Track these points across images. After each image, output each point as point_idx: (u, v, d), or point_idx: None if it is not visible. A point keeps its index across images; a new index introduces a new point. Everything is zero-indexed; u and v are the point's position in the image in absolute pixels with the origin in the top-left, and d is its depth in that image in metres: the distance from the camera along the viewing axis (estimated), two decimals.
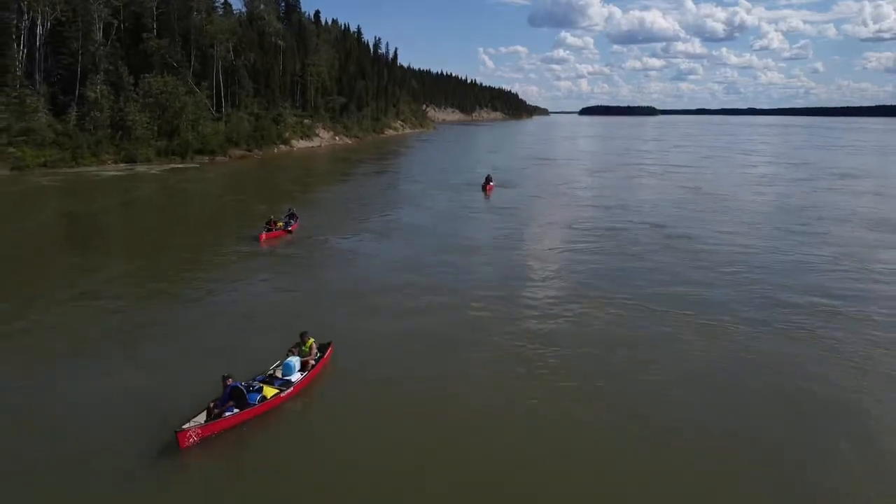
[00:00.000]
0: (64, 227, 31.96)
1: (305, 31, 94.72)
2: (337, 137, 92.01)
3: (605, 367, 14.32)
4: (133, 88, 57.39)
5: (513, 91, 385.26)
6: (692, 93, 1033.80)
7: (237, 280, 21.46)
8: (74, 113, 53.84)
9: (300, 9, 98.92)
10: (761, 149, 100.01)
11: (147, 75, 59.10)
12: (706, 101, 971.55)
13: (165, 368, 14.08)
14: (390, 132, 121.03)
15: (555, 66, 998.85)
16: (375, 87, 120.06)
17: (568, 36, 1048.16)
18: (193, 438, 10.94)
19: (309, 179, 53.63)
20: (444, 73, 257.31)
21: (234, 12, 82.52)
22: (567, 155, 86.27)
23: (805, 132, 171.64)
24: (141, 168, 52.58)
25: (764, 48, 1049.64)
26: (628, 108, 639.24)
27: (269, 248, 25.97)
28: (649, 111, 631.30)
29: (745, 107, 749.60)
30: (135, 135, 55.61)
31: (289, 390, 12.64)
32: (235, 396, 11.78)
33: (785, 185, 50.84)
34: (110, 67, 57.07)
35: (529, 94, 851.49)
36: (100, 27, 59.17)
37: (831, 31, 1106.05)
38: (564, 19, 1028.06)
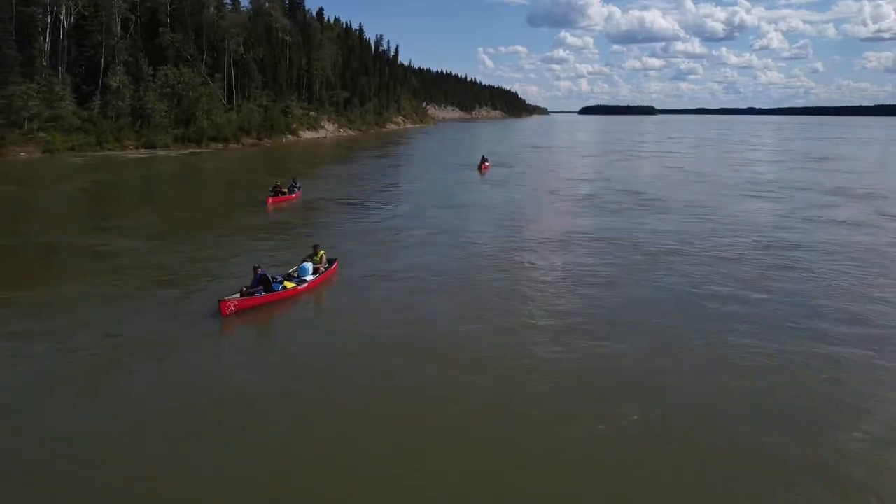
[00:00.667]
0: (101, 191, 35.64)
1: (310, 27, 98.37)
2: (341, 129, 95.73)
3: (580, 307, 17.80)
4: (151, 79, 60.99)
5: (513, 90, 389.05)
6: (692, 92, 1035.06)
7: (253, 223, 25.35)
8: (98, 101, 57.42)
9: (304, 6, 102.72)
10: (750, 140, 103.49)
11: (163, 67, 62.78)
12: (706, 100, 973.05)
13: (203, 268, 18.01)
14: (392, 126, 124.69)
15: (554, 66, 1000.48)
16: (377, 84, 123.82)
17: (567, 36, 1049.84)
18: (232, 308, 13.99)
19: (316, 161, 57.13)
20: (444, 72, 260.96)
21: (242, 9, 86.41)
22: (562, 144, 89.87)
23: (797, 128, 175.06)
24: (160, 152, 56.19)
25: (764, 48, 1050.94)
26: (628, 107, 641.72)
27: (275, 210, 29.13)
28: (649, 110, 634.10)
29: (744, 106, 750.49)
30: (154, 122, 59.25)
31: (304, 285, 15.90)
32: (263, 282, 14.99)
33: (762, 165, 54.40)
34: (130, 59, 60.70)
35: (529, 93, 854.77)
36: (118, 22, 62.77)
37: (831, 30, 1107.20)
38: (564, 19, 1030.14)
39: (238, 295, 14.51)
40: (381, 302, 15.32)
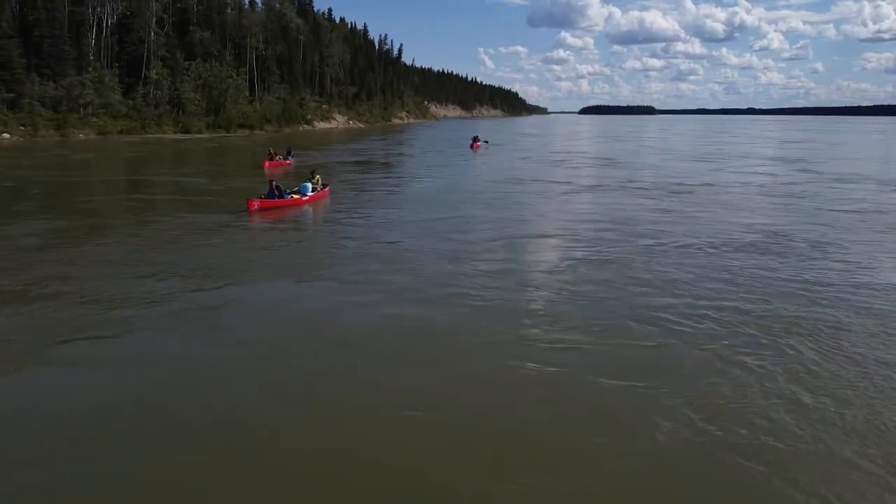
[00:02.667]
0: (155, 157, 43.08)
1: (320, 26, 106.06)
2: (351, 121, 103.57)
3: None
4: (186, 72, 68.68)
5: (513, 90, 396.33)
6: (692, 93, 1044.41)
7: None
8: (140, 91, 65.16)
9: (313, 7, 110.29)
10: (731, 130, 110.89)
11: (191, 62, 70.51)
12: (706, 101, 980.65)
13: (237, 191, 24.62)
14: (397, 121, 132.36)
15: (555, 67, 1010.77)
16: (382, 81, 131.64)
17: (567, 36, 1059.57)
18: (256, 206, 18.98)
19: (328, 142, 64.66)
20: (446, 72, 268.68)
21: (259, 9, 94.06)
22: (555, 133, 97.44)
23: (784, 125, 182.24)
24: (196, 136, 63.86)
25: (764, 48, 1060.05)
26: (628, 107, 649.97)
27: (271, 171, 31.60)
28: (649, 110, 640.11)
29: (745, 107, 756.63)
30: (188, 110, 66.97)
31: (305, 198, 20.94)
32: (278, 190, 20.22)
33: (728, 144, 61.95)
34: (167, 54, 68.48)
35: (530, 93, 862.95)
36: (152, 21, 70.37)
37: (831, 31, 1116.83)
38: (564, 19, 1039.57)
39: (261, 197, 19.84)
40: (362, 214, 20.45)
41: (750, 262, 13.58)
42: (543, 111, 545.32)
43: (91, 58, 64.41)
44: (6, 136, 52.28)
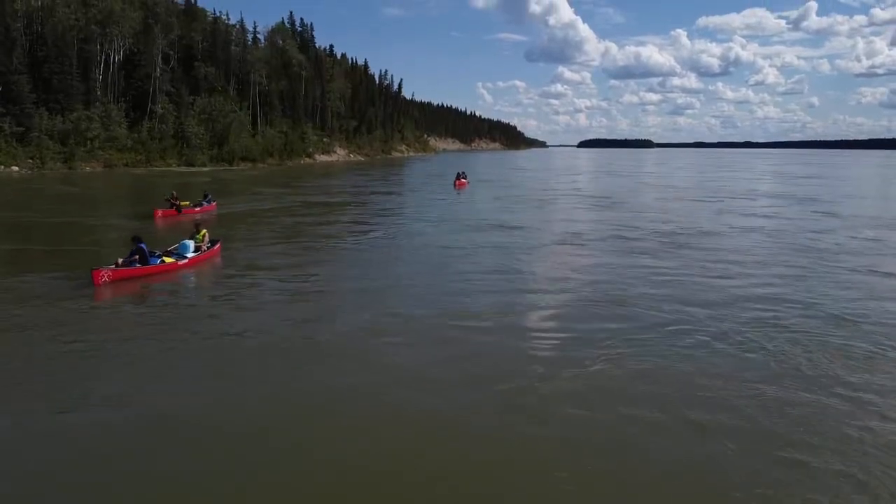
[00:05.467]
0: (131, 191, 43.84)
1: (322, 62, 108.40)
2: (351, 155, 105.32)
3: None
4: (190, 106, 70.23)
5: (511, 124, 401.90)
6: (690, 126, 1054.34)
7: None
8: (146, 125, 66.61)
9: (314, 44, 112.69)
10: (730, 164, 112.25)
11: (196, 97, 72.16)
12: (704, 134, 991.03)
13: (143, 231, 18.83)
14: (396, 154, 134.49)
15: (553, 101, 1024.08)
16: (383, 114, 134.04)
17: (565, 71, 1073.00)
18: (105, 278, 14.08)
19: (328, 175, 65.93)
20: (445, 105, 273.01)
21: (262, 45, 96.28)
22: (551, 167, 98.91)
23: (783, 158, 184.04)
24: (199, 169, 65.04)
25: (759, 83, 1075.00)
26: (625, 141, 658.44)
27: (165, 224, 26.42)
28: (646, 144, 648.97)
29: (741, 140, 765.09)
30: (192, 143, 68.34)
31: (183, 261, 16.36)
32: (139, 254, 15.23)
33: (730, 180, 63.02)
34: (172, 89, 70.10)
35: (528, 127, 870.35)
36: (158, 58, 72.10)
37: (825, 66, 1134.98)
38: (561, 55, 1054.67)
39: (113, 266, 14.86)
40: (259, 281, 15.59)
41: (787, 367, 9.82)
42: (542, 144, 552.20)
43: (98, 93, 65.99)
44: (15, 169, 53.42)
